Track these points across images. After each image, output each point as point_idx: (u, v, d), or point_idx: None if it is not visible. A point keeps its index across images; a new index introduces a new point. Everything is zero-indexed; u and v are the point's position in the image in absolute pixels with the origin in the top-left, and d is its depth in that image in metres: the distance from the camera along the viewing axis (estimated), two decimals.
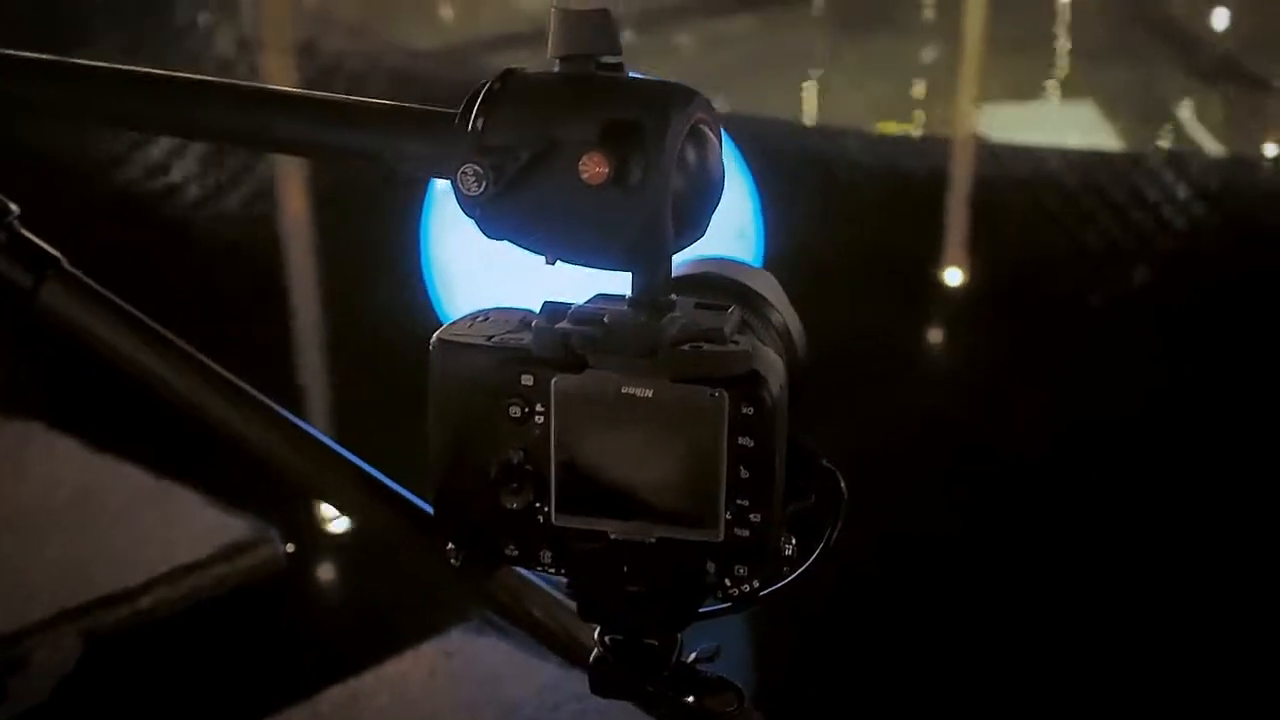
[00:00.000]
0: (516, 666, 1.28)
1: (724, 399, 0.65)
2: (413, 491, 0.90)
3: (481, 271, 1.77)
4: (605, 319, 0.66)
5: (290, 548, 1.49)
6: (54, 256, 0.88)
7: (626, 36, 0.65)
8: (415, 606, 1.41)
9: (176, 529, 1.47)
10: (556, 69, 0.65)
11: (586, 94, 0.63)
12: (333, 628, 1.41)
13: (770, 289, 0.79)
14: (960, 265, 2.57)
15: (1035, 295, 2.32)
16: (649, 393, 0.66)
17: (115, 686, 1.27)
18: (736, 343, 0.67)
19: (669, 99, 0.64)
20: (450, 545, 0.83)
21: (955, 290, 2.47)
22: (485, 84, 0.66)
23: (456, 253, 1.82)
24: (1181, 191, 2.83)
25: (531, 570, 0.72)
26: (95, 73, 0.73)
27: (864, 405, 1.84)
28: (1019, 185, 2.88)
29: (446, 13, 5.09)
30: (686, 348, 0.66)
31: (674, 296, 0.68)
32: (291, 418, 0.89)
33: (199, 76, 0.73)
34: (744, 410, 0.66)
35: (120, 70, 0.74)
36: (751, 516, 0.67)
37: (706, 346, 0.66)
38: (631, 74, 0.66)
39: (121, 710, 1.25)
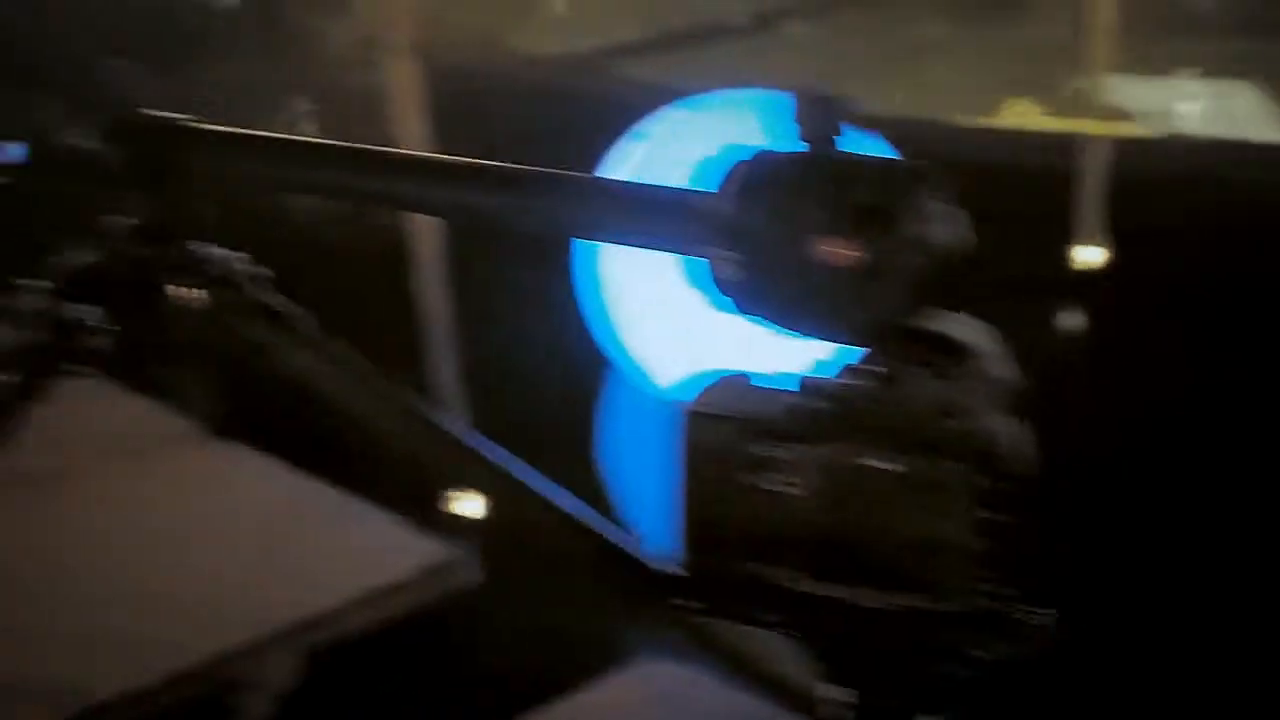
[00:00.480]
0: (716, 696, 1.30)
1: (970, 472, 0.67)
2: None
3: (650, 304, 1.80)
4: (854, 395, 0.68)
5: (486, 572, 1.52)
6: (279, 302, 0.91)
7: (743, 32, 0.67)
8: (614, 634, 1.44)
9: (379, 549, 1.52)
10: (802, 149, 0.68)
11: (834, 179, 0.66)
12: (532, 652, 1.44)
13: (990, 342, 0.81)
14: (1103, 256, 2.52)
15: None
16: (897, 466, 0.68)
17: (328, 703, 1.32)
18: (980, 415, 0.69)
19: (912, 181, 0.66)
20: (697, 603, 0.86)
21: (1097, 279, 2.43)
22: (735, 165, 0.68)
23: (622, 281, 1.84)
24: None
25: (778, 634, 0.75)
26: (396, 160, 0.77)
27: None
28: (1171, 179, 2.83)
29: (564, 19, 5.12)
30: (934, 422, 0.68)
31: (916, 368, 0.70)
32: (511, 468, 0.92)
33: (457, 159, 0.76)
34: (989, 483, 0.68)
35: (399, 155, 0.78)
36: (996, 588, 0.69)
37: (953, 421, 0.68)
38: (871, 154, 0.68)
39: None
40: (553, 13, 5.20)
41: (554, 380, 1.99)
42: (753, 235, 0.66)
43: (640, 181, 0.74)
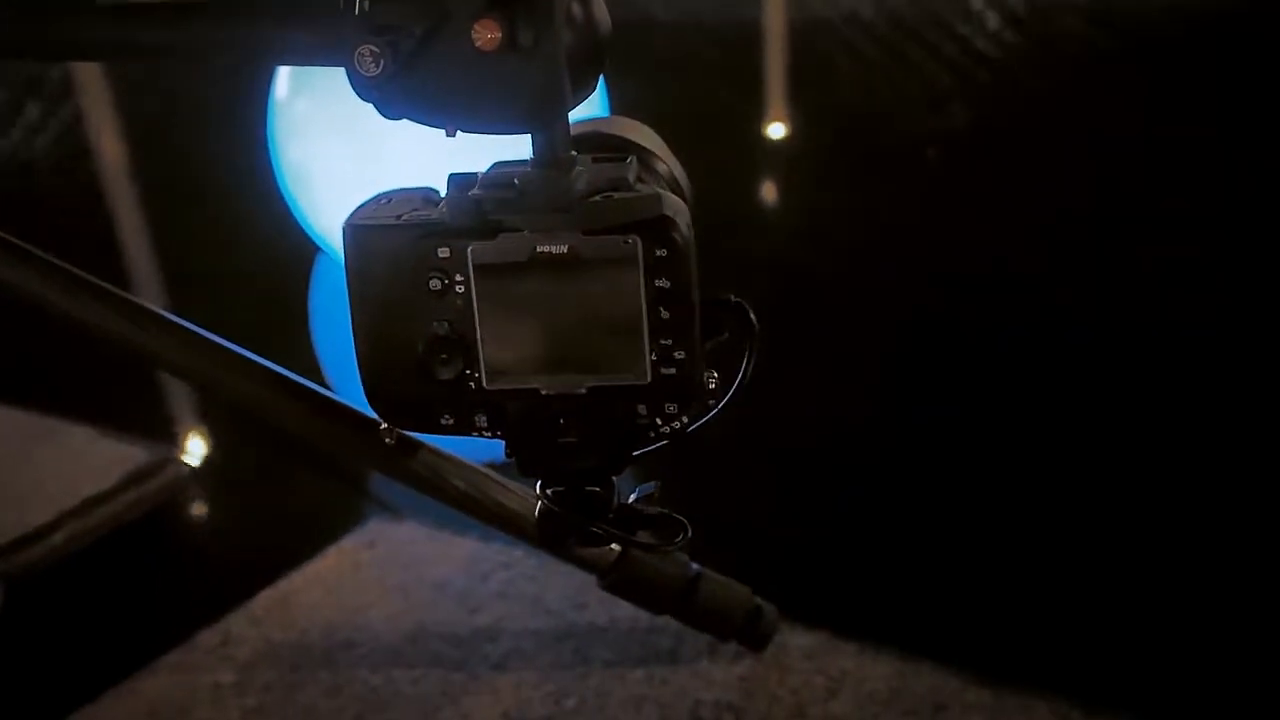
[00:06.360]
0: (439, 545, 1.31)
1: (638, 244, 0.68)
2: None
3: (338, 169, 1.76)
4: (515, 181, 0.68)
5: (193, 466, 1.49)
6: None
7: None
8: (331, 505, 1.43)
9: (77, 464, 1.46)
10: None
11: None
12: (254, 535, 1.42)
13: (653, 140, 0.82)
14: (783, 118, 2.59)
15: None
16: (564, 248, 0.68)
17: (41, 626, 1.27)
18: (641, 190, 0.70)
19: None
20: (383, 426, 0.85)
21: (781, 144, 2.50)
22: None
23: (307, 155, 1.80)
24: (992, 21, 2.87)
25: (468, 436, 0.75)
26: None
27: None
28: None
29: None
30: (597, 199, 0.68)
31: (574, 154, 0.70)
32: (191, 326, 0.90)
33: None
34: (658, 253, 0.68)
35: None
36: (675, 354, 0.70)
37: (616, 195, 0.68)
38: None
39: (51, 648, 1.24)
40: None
41: (259, 265, 1.95)
42: (393, 29, 0.64)
43: None
